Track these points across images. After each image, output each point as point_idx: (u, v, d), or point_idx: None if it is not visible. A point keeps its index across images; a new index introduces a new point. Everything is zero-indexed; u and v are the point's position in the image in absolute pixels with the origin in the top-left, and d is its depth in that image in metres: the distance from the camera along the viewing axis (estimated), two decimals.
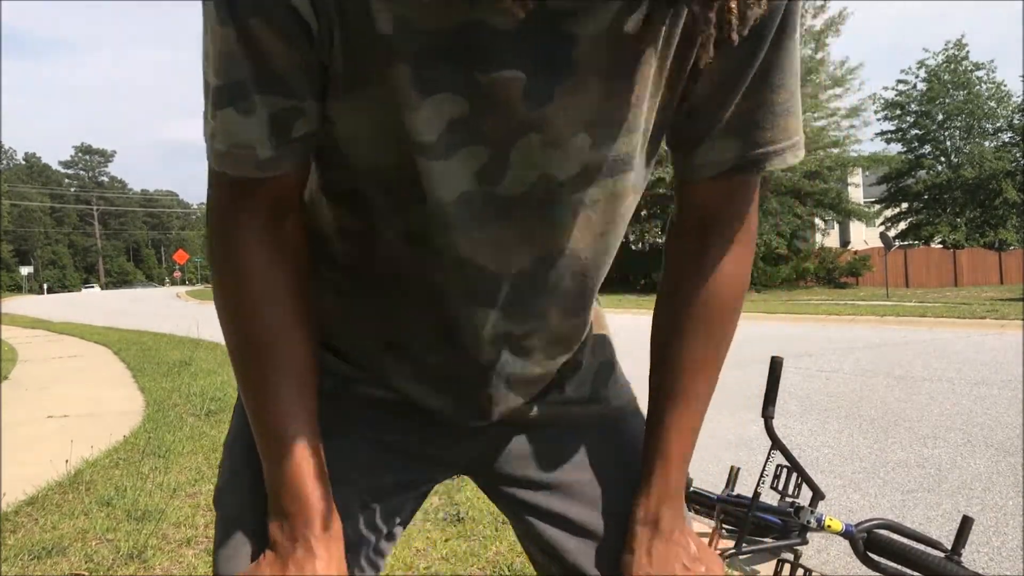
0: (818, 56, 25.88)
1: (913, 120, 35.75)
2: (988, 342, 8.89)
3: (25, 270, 68.53)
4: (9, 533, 3.03)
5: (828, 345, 9.06)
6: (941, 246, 33.65)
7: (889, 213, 35.71)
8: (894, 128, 36.14)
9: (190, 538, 2.92)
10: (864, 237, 36.58)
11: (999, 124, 35.46)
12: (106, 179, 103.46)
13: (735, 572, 2.63)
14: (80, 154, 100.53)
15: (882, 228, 32.14)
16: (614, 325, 0.76)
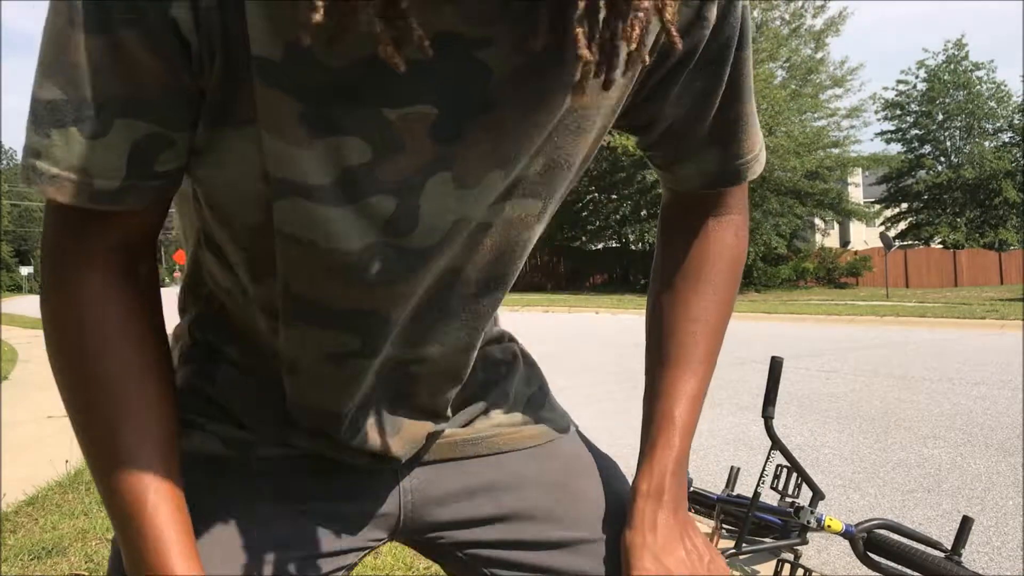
0: (818, 56, 25.91)
1: (913, 120, 35.75)
2: (988, 342, 8.89)
3: (25, 270, 68.50)
4: (9, 533, 3.03)
5: (828, 345, 9.06)
6: (941, 246, 33.65)
7: (889, 213, 35.71)
8: (894, 128, 36.15)
9: None
10: (864, 237, 36.61)
11: (999, 124, 35.46)
12: None
13: (735, 572, 2.63)
14: None
15: (882, 228, 32.16)
16: (616, 325, 0.75)
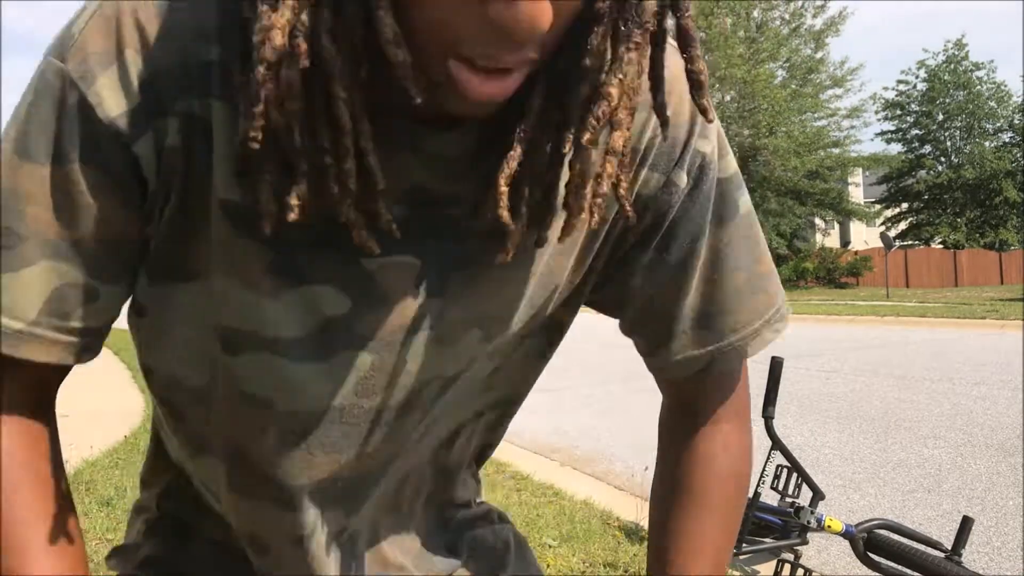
0: (818, 56, 25.93)
1: (913, 120, 35.71)
2: (988, 342, 8.89)
3: None
4: None
5: (828, 345, 9.06)
6: (941, 246, 33.63)
7: (889, 213, 35.68)
8: (894, 128, 36.11)
9: None
10: (864, 237, 36.58)
11: (999, 124, 35.43)
12: None
13: (735, 572, 2.63)
14: None
15: (882, 228, 32.14)
16: (616, 324, 0.73)
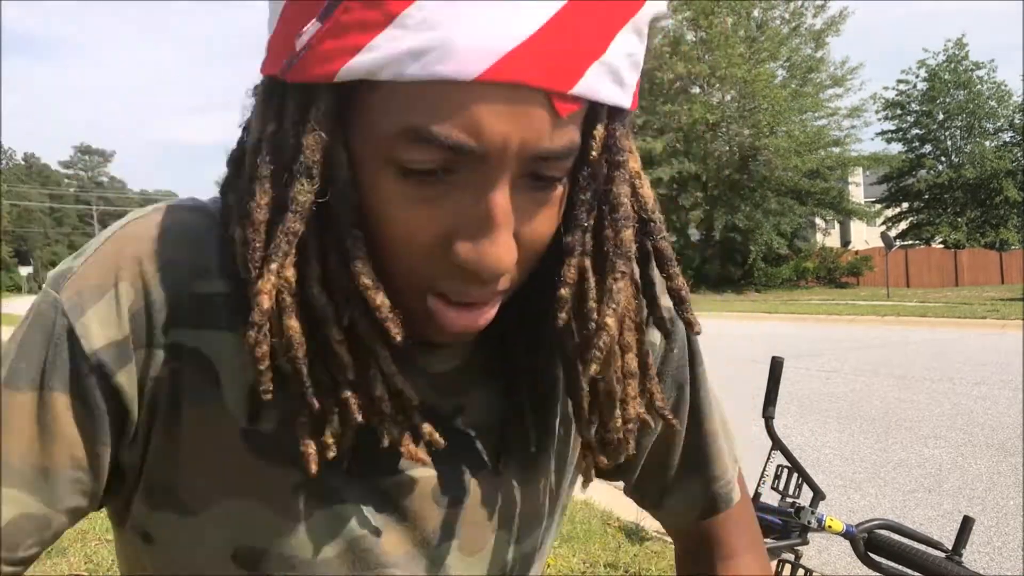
0: (818, 55, 25.91)
1: (914, 120, 35.69)
2: (989, 342, 8.89)
3: (25, 270, 68.45)
4: None
5: (828, 345, 9.06)
6: (942, 246, 33.61)
7: (890, 213, 35.66)
8: (895, 128, 36.08)
9: None
10: (865, 237, 36.55)
11: (1000, 124, 35.41)
12: (105, 179, 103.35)
13: None
14: (79, 154, 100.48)
15: (883, 228, 32.12)
16: None
